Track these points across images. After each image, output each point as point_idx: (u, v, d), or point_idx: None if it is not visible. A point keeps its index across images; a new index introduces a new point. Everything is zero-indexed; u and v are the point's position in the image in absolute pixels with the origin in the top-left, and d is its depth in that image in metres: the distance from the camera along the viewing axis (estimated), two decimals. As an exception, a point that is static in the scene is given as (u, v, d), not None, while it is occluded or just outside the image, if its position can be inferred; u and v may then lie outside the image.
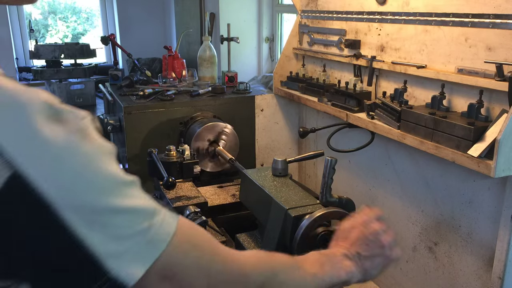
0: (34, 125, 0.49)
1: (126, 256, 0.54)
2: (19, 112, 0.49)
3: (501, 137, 1.08)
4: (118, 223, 0.54)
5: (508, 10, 1.19)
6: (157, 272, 0.57)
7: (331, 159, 1.27)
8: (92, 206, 0.52)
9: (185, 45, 3.59)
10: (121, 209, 0.55)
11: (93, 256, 0.52)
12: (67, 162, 0.51)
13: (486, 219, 1.36)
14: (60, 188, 0.50)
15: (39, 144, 0.49)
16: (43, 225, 0.50)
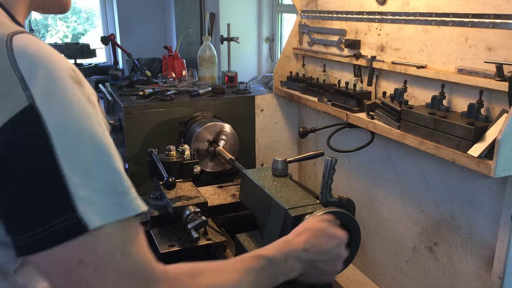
0: (58, 76, 0.61)
1: (95, 206, 0.60)
2: (52, 66, 0.61)
3: (501, 137, 1.08)
4: (99, 177, 0.62)
5: (508, 10, 1.19)
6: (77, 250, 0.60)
7: (331, 159, 1.27)
8: (82, 152, 0.61)
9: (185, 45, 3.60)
10: (106, 165, 0.63)
11: (66, 194, 0.59)
12: (72, 111, 0.61)
13: (486, 219, 1.36)
14: (61, 127, 0.59)
15: (56, 90, 0.60)
16: (35, 152, 0.58)
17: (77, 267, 0.60)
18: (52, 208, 0.59)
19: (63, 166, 0.59)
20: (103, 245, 0.61)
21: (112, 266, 0.62)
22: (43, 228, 0.58)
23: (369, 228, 1.87)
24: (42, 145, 0.58)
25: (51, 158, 0.58)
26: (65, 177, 0.59)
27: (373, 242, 1.87)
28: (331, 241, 0.95)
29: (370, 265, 1.91)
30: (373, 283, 1.90)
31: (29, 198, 0.59)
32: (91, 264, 0.60)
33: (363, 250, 1.91)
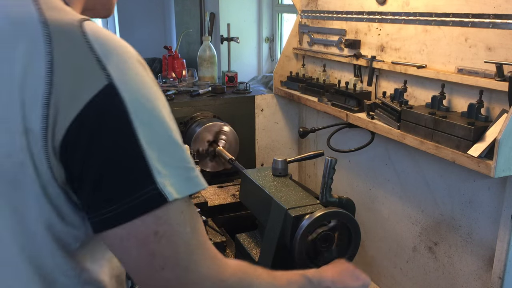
0: (128, 59, 0.65)
1: (168, 179, 0.64)
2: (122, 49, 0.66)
3: (501, 137, 1.08)
4: (170, 152, 0.65)
5: (508, 10, 1.19)
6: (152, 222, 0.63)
7: (331, 159, 1.27)
8: (154, 128, 0.64)
9: (185, 45, 3.60)
10: (174, 142, 0.66)
11: (147, 168, 0.62)
12: (145, 90, 0.65)
13: (486, 219, 1.36)
14: (137, 104, 0.63)
15: (129, 70, 0.64)
16: (118, 128, 0.62)
17: (153, 238, 0.63)
18: (134, 180, 0.62)
19: (142, 141, 0.62)
20: (176, 217, 0.65)
21: (183, 238, 0.65)
22: (127, 200, 0.62)
23: (369, 228, 1.87)
24: (124, 121, 0.62)
25: (132, 133, 0.62)
26: (144, 150, 0.62)
27: (373, 242, 1.87)
28: (355, 281, 1.04)
29: (370, 265, 1.91)
30: (373, 283, 1.90)
31: (114, 170, 0.62)
32: (166, 236, 0.63)
33: (363, 250, 1.91)
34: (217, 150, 2.01)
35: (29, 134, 0.61)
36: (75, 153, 0.61)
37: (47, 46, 0.61)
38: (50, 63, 0.61)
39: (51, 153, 0.61)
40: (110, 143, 0.62)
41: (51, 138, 0.61)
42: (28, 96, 0.60)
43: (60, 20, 0.64)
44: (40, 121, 0.60)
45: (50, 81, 0.60)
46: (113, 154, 0.62)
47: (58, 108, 0.60)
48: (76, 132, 0.61)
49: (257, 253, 1.35)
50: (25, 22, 0.63)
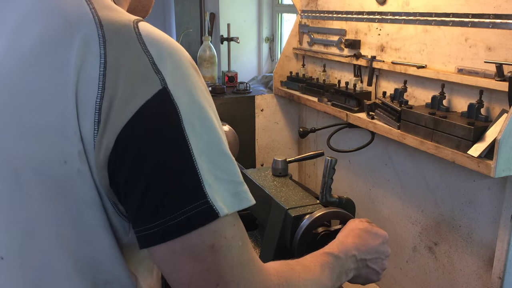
0: (182, 63, 0.63)
1: (218, 194, 0.61)
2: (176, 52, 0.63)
3: (501, 137, 1.08)
4: (220, 165, 0.62)
5: (508, 10, 1.19)
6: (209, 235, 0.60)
7: (331, 159, 1.27)
8: (205, 138, 0.61)
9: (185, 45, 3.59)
10: (227, 155, 0.63)
11: (198, 180, 0.59)
12: (197, 97, 0.62)
13: (486, 219, 1.36)
14: (189, 111, 0.60)
15: (183, 75, 0.62)
16: (170, 136, 0.59)
17: (209, 252, 0.60)
18: (185, 193, 0.59)
19: (193, 150, 0.59)
20: (231, 231, 0.63)
21: (237, 252, 0.63)
22: (176, 214, 0.59)
23: (369, 228, 1.87)
24: (176, 128, 0.59)
25: (184, 142, 0.59)
26: (195, 161, 0.59)
27: (373, 242, 1.87)
28: (376, 240, 1.02)
29: (370, 265, 1.90)
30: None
31: (164, 182, 0.59)
32: (222, 249, 0.61)
33: (363, 250, 1.91)
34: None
35: (84, 142, 0.59)
36: (124, 161, 0.58)
37: (101, 48, 0.59)
38: (103, 66, 0.58)
39: (101, 160, 0.59)
40: (162, 151, 0.59)
41: (102, 144, 0.58)
42: (81, 100, 0.58)
43: (115, 20, 0.62)
44: (91, 127, 0.58)
45: (102, 85, 0.58)
46: (164, 163, 0.59)
47: (110, 113, 0.58)
48: (127, 138, 0.58)
49: (257, 253, 1.35)
50: (80, 23, 0.61)
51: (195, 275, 0.61)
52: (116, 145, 0.58)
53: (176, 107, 0.59)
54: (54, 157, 0.59)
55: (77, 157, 0.59)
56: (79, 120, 0.58)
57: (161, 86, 0.59)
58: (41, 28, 0.62)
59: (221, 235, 0.61)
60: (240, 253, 0.64)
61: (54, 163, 0.59)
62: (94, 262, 0.64)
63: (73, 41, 0.59)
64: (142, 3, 0.82)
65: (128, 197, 0.60)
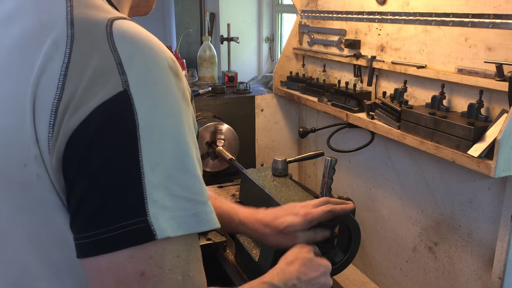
0: (156, 65, 0.58)
1: (167, 213, 0.55)
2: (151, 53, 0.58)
3: (501, 137, 1.08)
4: (179, 180, 0.56)
5: (508, 10, 1.19)
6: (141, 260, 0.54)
7: (331, 159, 1.27)
8: (165, 151, 0.56)
9: (185, 45, 3.60)
10: (187, 170, 0.57)
11: (141, 194, 0.54)
12: (164, 104, 0.57)
13: (486, 219, 1.36)
14: (150, 119, 0.55)
15: (152, 79, 0.57)
16: (120, 142, 0.54)
17: (136, 279, 0.54)
18: (123, 207, 0.54)
19: (144, 162, 0.54)
20: (170, 261, 0.55)
21: (172, 285, 0.56)
22: (109, 228, 0.53)
23: (369, 228, 1.87)
24: (129, 135, 0.54)
25: (134, 151, 0.54)
26: (143, 174, 0.54)
27: (373, 242, 1.87)
28: (318, 269, 1.00)
29: (370, 265, 1.91)
30: (373, 283, 1.90)
31: (103, 191, 0.54)
32: (152, 280, 0.54)
33: (363, 250, 1.91)
34: (217, 150, 2.01)
35: (40, 144, 0.56)
36: (72, 163, 0.55)
37: (67, 48, 0.56)
38: (66, 66, 0.55)
39: (55, 164, 0.56)
40: (107, 157, 0.54)
41: (55, 148, 0.55)
42: (39, 102, 0.55)
43: (89, 19, 0.59)
44: (46, 129, 0.55)
45: (62, 85, 0.55)
46: (106, 170, 0.54)
47: (65, 115, 0.54)
48: (77, 140, 0.54)
49: (257, 253, 1.35)
50: (52, 23, 0.58)
51: None
52: (66, 149, 0.55)
53: (134, 112, 0.54)
54: (14, 160, 0.57)
55: (34, 161, 0.56)
56: (36, 122, 0.55)
57: (122, 88, 0.55)
58: (19, 29, 0.61)
59: (156, 264, 0.54)
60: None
61: (15, 166, 0.57)
62: (71, 265, 0.60)
63: (44, 42, 0.57)
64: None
65: (70, 201, 0.57)
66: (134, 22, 0.63)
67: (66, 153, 0.55)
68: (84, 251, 0.55)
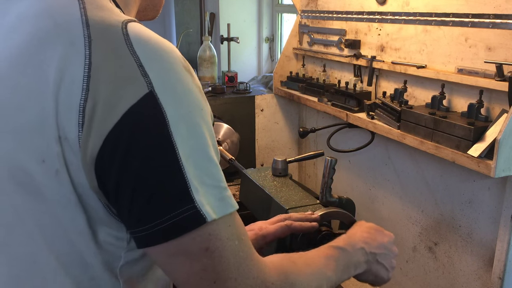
0: (172, 65, 0.61)
1: (204, 198, 0.60)
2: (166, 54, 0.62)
3: (501, 137, 1.08)
4: (206, 169, 0.62)
5: (508, 10, 1.19)
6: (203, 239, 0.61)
7: (331, 159, 1.27)
8: (192, 144, 0.60)
9: (185, 45, 3.59)
10: (213, 160, 0.63)
11: (186, 184, 0.59)
12: (187, 101, 0.61)
13: (486, 219, 1.36)
14: (177, 116, 0.59)
15: (172, 78, 0.61)
16: (157, 141, 0.58)
17: (204, 254, 0.61)
18: (173, 197, 0.59)
19: (180, 155, 0.59)
20: (225, 232, 0.62)
21: (233, 251, 0.63)
22: (165, 218, 0.59)
23: (369, 228, 1.87)
24: (163, 133, 0.58)
25: (171, 146, 0.58)
26: (183, 166, 0.59)
27: (373, 242, 1.87)
28: (384, 237, 1.01)
29: (370, 265, 1.90)
30: (373, 283, 1.90)
31: (151, 186, 0.58)
32: (217, 250, 0.62)
33: (363, 250, 1.91)
34: (217, 150, 2.00)
35: (64, 142, 0.58)
36: (112, 165, 0.58)
37: (86, 49, 0.58)
38: (88, 68, 0.57)
39: (87, 162, 0.58)
40: (148, 155, 0.58)
41: (88, 147, 0.58)
42: (63, 102, 0.57)
43: (103, 20, 0.61)
44: (75, 128, 0.57)
45: (86, 86, 0.57)
46: (152, 167, 0.58)
47: (95, 115, 0.57)
48: (113, 142, 0.57)
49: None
50: (67, 23, 0.60)
51: (192, 274, 0.62)
52: (103, 148, 0.58)
53: (163, 111, 0.58)
54: (32, 156, 0.59)
55: (55, 157, 0.58)
56: (60, 121, 0.58)
57: (148, 90, 0.58)
58: (31, 28, 0.62)
59: (216, 237, 0.61)
60: (237, 251, 0.64)
61: (32, 162, 0.59)
62: (76, 259, 0.64)
63: (58, 41, 0.59)
64: (153, 2, 0.82)
65: (118, 200, 0.60)
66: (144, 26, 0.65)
67: (102, 154, 0.58)
68: (149, 241, 0.60)
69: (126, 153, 0.58)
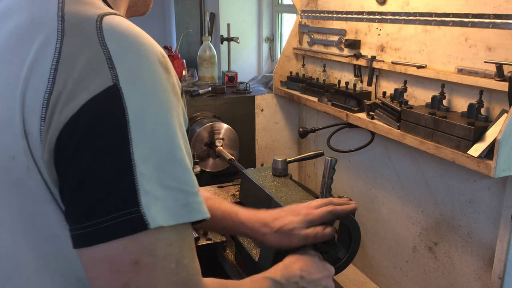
0: (146, 59, 0.58)
1: (159, 203, 0.56)
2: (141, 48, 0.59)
3: (501, 137, 1.08)
4: (171, 172, 0.58)
5: (508, 10, 1.19)
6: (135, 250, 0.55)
7: (331, 159, 1.27)
8: (156, 143, 0.57)
9: (185, 45, 3.59)
10: (178, 162, 0.59)
11: (133, 185, 0.55)
12: (155, 98, 0.58)
13: (486, 219, 1.36)
14: (140, 113, 0.56)
15: (142, 73, 0.58)
16: (111, 136, 0.55)
17: (131, 268, 0.56)
18: (116, 198, 0.55)
19: (135, 155, 0.55)
20: (163, 249, 0.57)
21: (165, 274, 0.57)
22: (103, 219, 0.55)
23: (369, 228, 1.87)
24: (119, 129, 0.55)
25: (125, 144, 0.55)
26: (134, 166, 0.55)
27: (373, 242, 1.87)
28: (321, 273, 1.00)
29: (370, 265, 1.91)
30: (373, 283, 1.90)
31: (96, 183, 0.55)
32: (146, 268, 0.56)
33: (363, 250, 1.91)
34: (217, 150, 2.01)
35: (29, 137, 0.57)
36: (64, 156, 0.56)
37: (57, 43, 0.57)
38: (56, 60, 0.56)
39: (47, 156, 0.57)
40: (99, 150, 0.55)
41: (47, 140, 0.56)
42: (29, 96, 0.57)
43: (79, 14, 0.60)
44: (38, 122, 0.56)
45: (52, 79, 0.56)
46: (98, 163, 0.55)
47: (56, 108, 0.56)
48: (68, 134, 0.55)
49: (257, 253, 1.35)
50: (43, 19, 0.60)
51: (112, 287, 0.57)
52: (58, 140, 0.56)
53: (124, 106, 0.55)
54: (3, 152, 0.59)
55: (23, 153, 0.57)
56: (26, 115, 0.56)
57: (112, 83, 0.56)
58: (11, 25, 0.62)
59: (150, 253, 0.56)
60: (170, 275, 0.58)
61: (4, 159, 0.59)
62: (61, 258, 0.62)
63: (35, 37, 0.59)
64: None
65: (63, 194, 0.58)
66: (125, 19, 0.64)
67: (58, 146, 0.56)
68: (80, 242, 0.56)
69: (77, 145, 0.55)
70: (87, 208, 0.56)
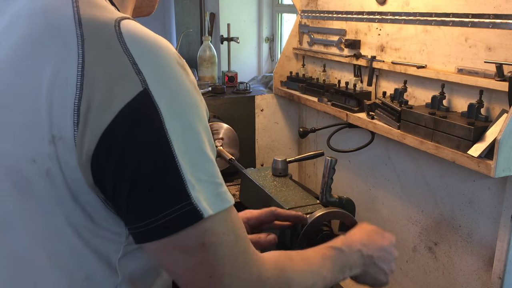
0: (167, 62, 0.61)
1: (201, 195, 0.61)
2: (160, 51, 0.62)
3: (501, 137, 1.08)
4: (201, 166, 0.62)
5: (508, 10, 1.19)
6: (199, 234, 0.61)
7: (331, 159, 1.27)
8: (188, 140, 0.61)
9: (185, 45, 3.59)
10: (208, 157, 0.63)
11: (181, 180, 0.59)
12: (182, 98, 0.62)
13: (486, 219, 1.36)
14: (172, 113, 0.59)
15: (166, 76, 0.61)
16: (152, 138, 0.58)
17: (200, 249, 0.62)
18: (169, 194, 0.60)
19: (176, 152, 0.59)
20: (221, 227, 0.63)
21: (229, 246, 0.64)
22: (162, 215, 0.59)
23: (369, 228, 1.87)
24: (158, 130, 0.58)
25: (166, 144, 0.59)
26: (179, 163, 0.59)
27: (373, 242, 1.87)
28: (384, 240, 1.00)
29: (370, 265, 1.90)
30: (373, 283, 1.90)
31: (148, 184, 0.59)
32: (213, 246, 0.63)
33: (363, 250, 1.91)
34: (217, 150, 2.01)
35: (58, 142, 0.58)
36: (108, 162, 0.59)
37: (79, 48, 0.58)
38: (81, 67, 0.58)
39: (83, 160, 0.59)
40: (144, 153, 0.58)
41: (83, 145, 0.58)
42: (57, 101, 0.58)
43: (96, 19, 0.61)
44: (71, 128, 0.58)
45: (80, 85, 0.57)
46: (146, 166, 0.59)
47: (90, 114, 0.57)
48: (109, 140, 0.58)
49: (257, 253, 1.35)
50: (59, 24, 0.61)
51: (188, 268, 0.63)
52: (98, 146, 0.58)
53: (157, 109, 0.58)
54: (23, 155, 0.60)
55: (47, 157, 0.59)
56: (54, 120, 0.58)
57: (142, 88, 0.58)
58: (25, 28, 0.62)
59: (211, 233, 0.62)
60: (232, 246, 0.65)
61: (23, 161, 0.60)
62: (69, 258, 0.64)
63: (51, 41, 0.60)
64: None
65: (115, 197, 0.61)
66: (138, 23, 0.65)
67: (98, 151, 0.58)
68: (145, 238, 0.61)
69: (122, 151, 0.58)
70: (144, 208, 0.60)
